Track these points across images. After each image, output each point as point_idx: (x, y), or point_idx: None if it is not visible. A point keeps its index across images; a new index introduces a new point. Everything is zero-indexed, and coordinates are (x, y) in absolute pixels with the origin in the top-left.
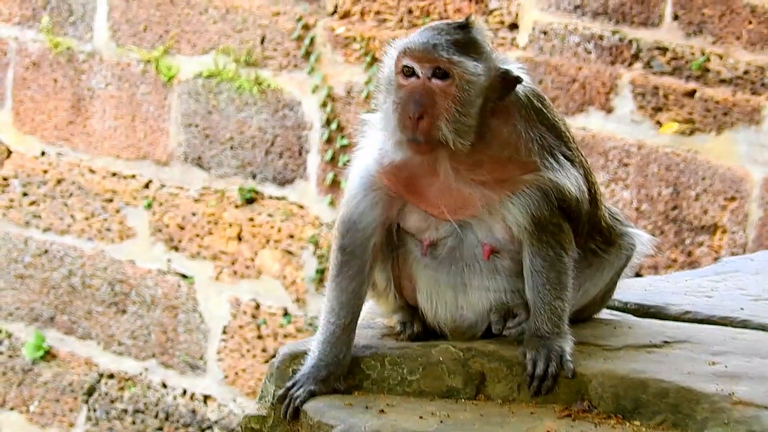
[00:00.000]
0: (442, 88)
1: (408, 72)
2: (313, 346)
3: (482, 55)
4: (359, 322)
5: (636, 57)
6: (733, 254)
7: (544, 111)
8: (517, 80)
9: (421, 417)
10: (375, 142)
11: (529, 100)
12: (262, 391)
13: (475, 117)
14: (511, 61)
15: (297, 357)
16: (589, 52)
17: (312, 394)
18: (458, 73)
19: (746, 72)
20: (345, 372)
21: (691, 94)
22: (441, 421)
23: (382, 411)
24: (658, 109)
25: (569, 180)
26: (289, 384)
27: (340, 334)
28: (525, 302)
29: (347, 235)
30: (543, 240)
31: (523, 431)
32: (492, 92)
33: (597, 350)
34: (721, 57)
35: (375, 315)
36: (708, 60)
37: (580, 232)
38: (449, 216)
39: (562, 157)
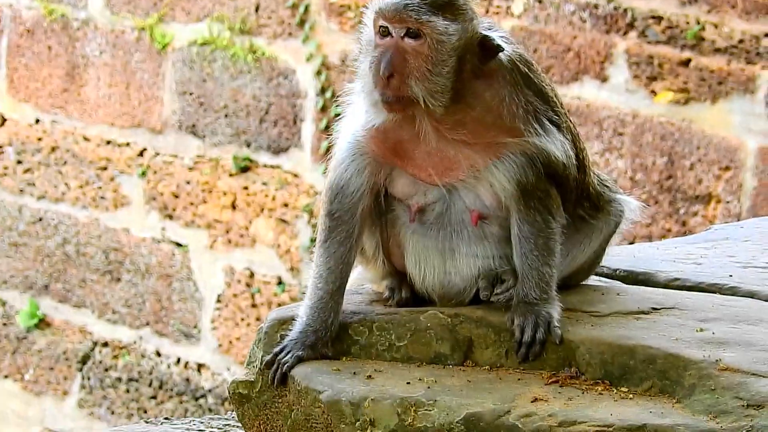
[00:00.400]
0: (414, 48)
1: (384, 32)
2: (301, 311)
3: (459, 16)
4: (347, 287)
5: (631, 26)
6: (726, 223)
7: (531, 76)
8: (498, 48)
9: (408, 383)
10: (360, 109)
11: (515, 64)
12: (250, 357)
13: (448, 77)
14: (496, 28)
15: (285, 322)
16: (584, 21)
17: (300, 360)
18: (429, 32)
19: (741, 41)
20: (333, 338)
21: (686, 63)
22: (428, 387)
23: (369, 377)
24: (652, 79)
25: (555, 145)
26: (276, 349)
27: (328, 299)
28: (513, 268)
29: (335, 201)
30: (530, 206)
31: (511, 397)
32: (470, 55)
33: (585, 317)
34: (716, 26)
35: (363, 281)
36: (703, 29)
37: (568, 199)
38: (437, 179)
39: (548, 123)
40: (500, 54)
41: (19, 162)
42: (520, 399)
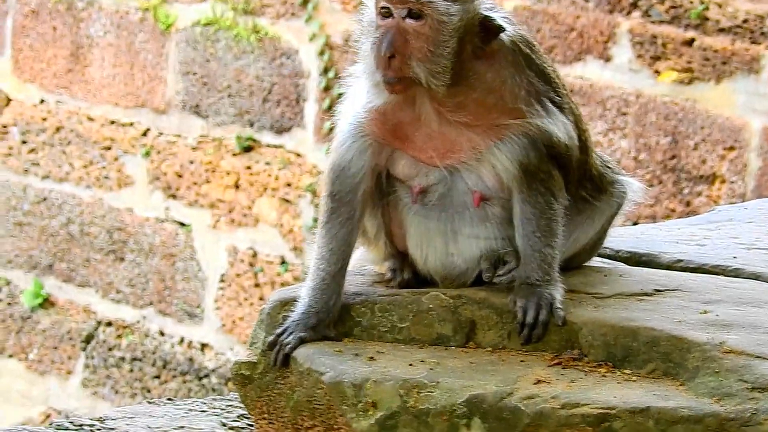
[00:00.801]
0: (416, 28)
1: (385, 13)
2: (303, 293)
3: None
4: (349, 269)
5: (634, 5)
6: (731, 204)
7: (532, 57)
8: (499, 29)
9: (410, 364)
10: (361, 90)
11: (517, 45)
12: (252, 338)
13: (449, 58)
14: (498, 9)
15: (287, 303)
16: (587, 1)
17: (302, 341)
18: (430, 13)
19: (745, 21)
20: (335, 319)
21: (689, 42)
22: (431, 369)
23: (371, 358)
24: (656, 58)
25: (557, 126)
26: (279, 331)
27: (330, 281)
28: (515, 250)
29: (336, 182)
30: (533, 187)
31: (513, 379)
32: (472, 36)
33: (588, 298)
34: (720, 5)
35: (365, 262)
36: (707, 8)
37: (571, 180)
38: (438, 161)
39: (550, 104)
40: (502, 35)
41: (24, 142)
42: (522, 381)
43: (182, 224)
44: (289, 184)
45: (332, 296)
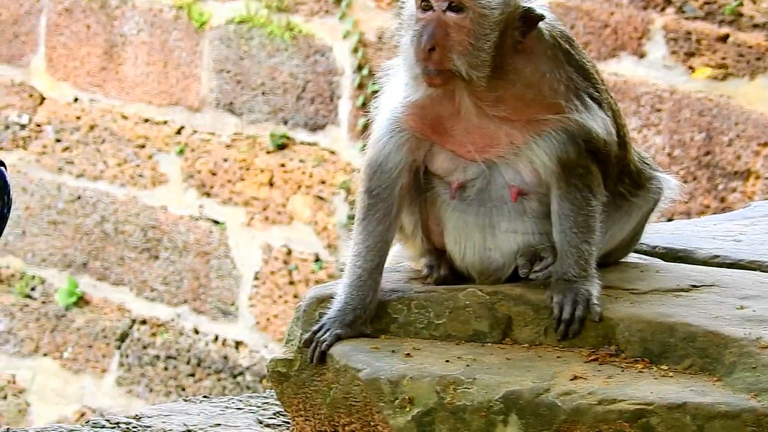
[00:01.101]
0: (456, 21)
1: (426, 6)
2: (340, 290)
3: None
4: (386, 265)
5: (668, 1)
6: (766, 200)
7: (571, 52)
8: (540, 17)
9: (447, 361)
10: (399, 85)
11: (556, 40)
12: (288, 335)
13: (489, 51)
14: (538, 2)
15: (324, 300)
16: None
17: (338, 338)
18: (471, 6)
19: None
20: (371, 316)
21: (724, 39)
22: (467, 365)
23: (408, 355)
24: (690, 54)
25: (596, 122)
26: (315, 328)
27: (367, 278)
28: (552, 245)
29: (374, 178)
30: (571, 183)
31: (550, 375)
32: (511, 29)
33: (624, 294)
34: (754, 1)
35: (402, 258)
36: (741, 4)
37: (609, 176)
38: (476, 156)
39: (589, 99)
40: (542, 30)
41: (58, 140)
42: (559, 377)
43: (216, 222)
44: (323, 182)
45: (369, 293)
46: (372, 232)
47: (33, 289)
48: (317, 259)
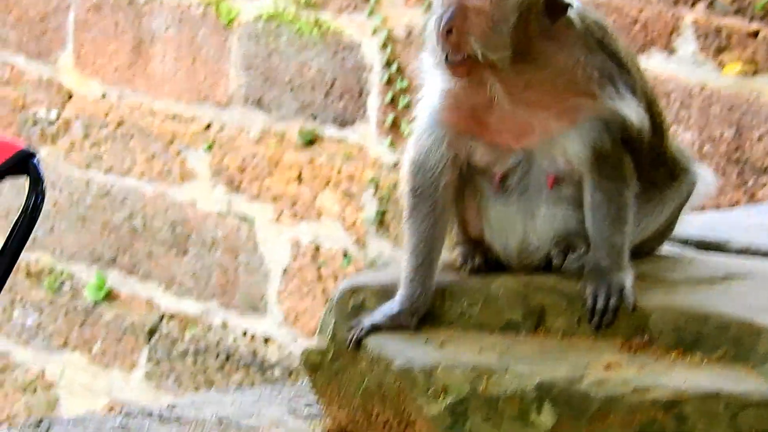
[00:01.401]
0: (476, 5)
1: None
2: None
3: None
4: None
5: None
6: None
7: (606, 39)
8: (566, 6)
9: (481, 350)
10: (434, 82)
11: (590, 27)
12: (321, 325)
13: (508, 34)
14: None
15: (357, 291)
16: None
17: (376, 328)
18: None
19: None
20: (421, 311)
21: (754, 34)
22: (501, 354)
23: (441, 344)
24: (720, 50)
25: (630, 110)
26: (361, 317)
27: (413, 275)
28: (586, 235)
29: (417, 176)
30: (603, 174)
31: (584, 364)
32: (535, 14)
33: (657, 284)
34: None
35: None
36: None
37: (643, 164)
38: (514, 144)
39: (623, 87)
40: (574, 17)
41: (86, 136)
42: (592, 366)
43: (245, 218)
44: (351, 178)
45: (417, 288)
46: (417, 231)
47: (62, 284)
48: (345, 255)
